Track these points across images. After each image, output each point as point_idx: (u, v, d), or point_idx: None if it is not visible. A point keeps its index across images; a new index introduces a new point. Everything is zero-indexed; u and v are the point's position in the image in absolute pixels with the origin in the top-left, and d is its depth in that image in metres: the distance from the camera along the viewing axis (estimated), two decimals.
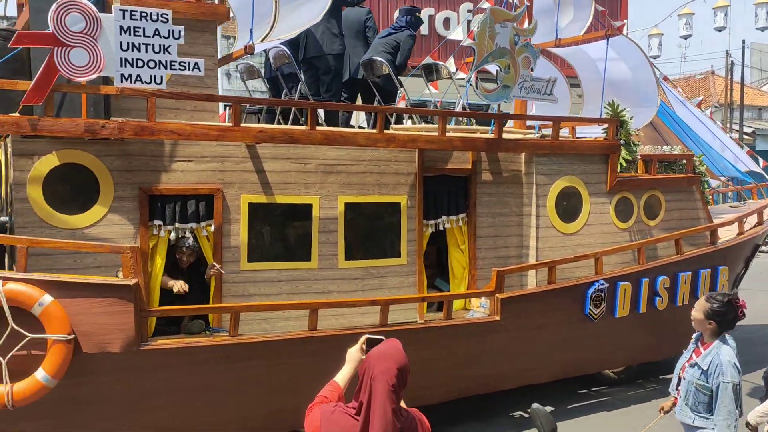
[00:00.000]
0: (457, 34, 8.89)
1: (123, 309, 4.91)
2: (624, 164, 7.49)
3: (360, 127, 8.18)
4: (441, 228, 6.85)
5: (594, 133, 8.52)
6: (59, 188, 5.21)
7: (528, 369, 6.96)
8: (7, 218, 5.78)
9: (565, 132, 8.05)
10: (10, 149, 5.12)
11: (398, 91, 7.34)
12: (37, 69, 4.90)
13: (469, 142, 6.64)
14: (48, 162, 5.16)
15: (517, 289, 6.92)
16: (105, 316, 4.88)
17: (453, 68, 8.62)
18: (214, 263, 5.59)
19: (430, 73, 7.66)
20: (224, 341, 5.31)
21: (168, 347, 5.11)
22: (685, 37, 21.19)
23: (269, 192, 5.94)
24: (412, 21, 7.66)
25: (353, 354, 2.88)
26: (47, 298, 4.74)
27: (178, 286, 5.25)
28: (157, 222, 5.53)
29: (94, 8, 4.92)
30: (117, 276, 5.22)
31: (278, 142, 5.76)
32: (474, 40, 6.63)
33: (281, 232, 6.05)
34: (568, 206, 7.28)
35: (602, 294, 7.05)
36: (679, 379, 4.42)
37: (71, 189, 5.26)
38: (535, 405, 3.40)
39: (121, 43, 5.02)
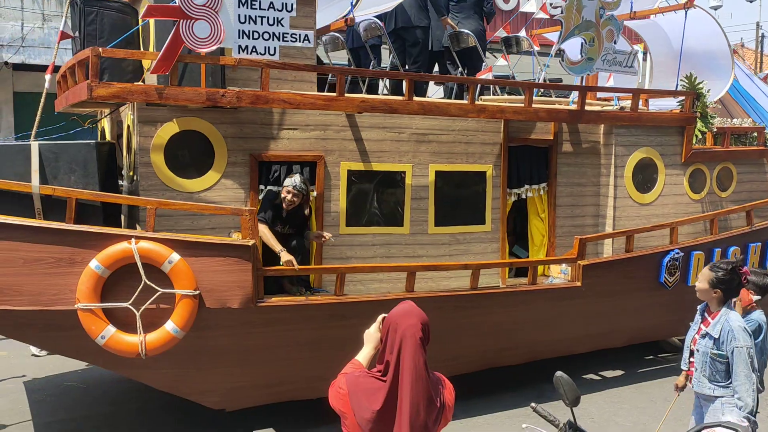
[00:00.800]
0: (530, 6, 9.02)
1: (242, 268, 5.25)
2: (699, 136, 7.62)
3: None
4: (523, 197, 7.07)
5: (666, 105, 8.62)
6: (178, 154, 5.52)
7: (603, 334, 7.22)
8: None
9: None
10: (135, 117, 5.43)
11: (482, 63, 7.51)
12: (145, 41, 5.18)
13: (554, 113, 6.82)
14: (169, 129, 5.47)
15: (593, 257, 7.14)
16: (225, 274, 5.22)
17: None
18: (324, 234, 5.83)
19: (510, 45, 7.80)
20: (331, 300, 5.63)
21: (281, 304, 5.44)
22: (716, 8, 20.83)
23: (366, 160, 6.20)
24: None
25: (373, 334, 2.82)
26: (175, 256, 5.09)
27: (287, 258, 5.54)
28: (265, 187, 5.84)
29: None
30: (230, 236, 5.55)
31: (379, 111, 6.00)
32: (549, 13, 6.77)
33: (376, 198, 6.33)
34: (644, 177, 7.45)
35: (677, 263, 7.24)
36: (691, 352, 4.43)
37: (189, 155, 5.57)
38: (558, 373, 3.37)
39: (239, 15, 5.28)
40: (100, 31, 6.03)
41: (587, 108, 7.00)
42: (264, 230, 5.50)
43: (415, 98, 6.15)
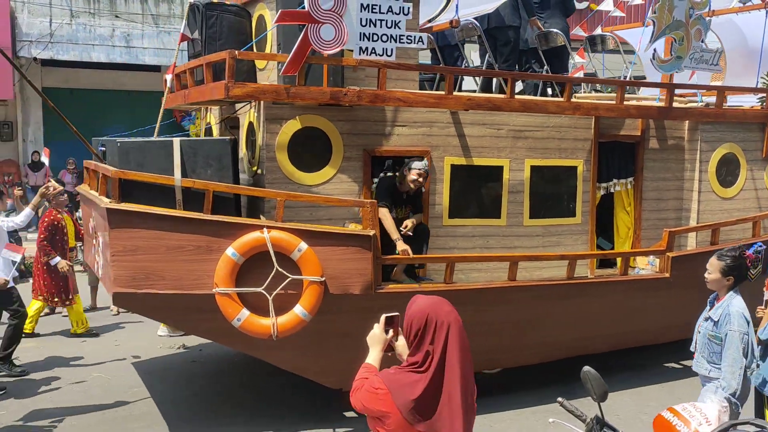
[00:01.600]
0: (606, 4, 9.25)
1: (363, 256, 5.61)
2: None
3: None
4: (611, 191, 7.33)
5: (742, 101, 8.79)
6: (300, 149, 5.89)
7: (689, 324, 7.42)
8: None
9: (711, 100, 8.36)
10: (262, 114, 5.81)
11: (570, 62, 7.78)
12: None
13: (643, 110, 7.06)
14: (292, 126, 5.83)
15: (677, 249, 7.37)
16: (348, 262, 5.59)
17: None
18: (408, 223, 6.16)
19: (594, 44, 8.05)
20: (442, 287, 5.96)
21: (398, 291, 5.79)
22: None
23: (468, 155, 6.51)
24: None
25: (378, 336, 2.83)
26: (304, 245, 5.47)
27: (403, 247, 5.88)
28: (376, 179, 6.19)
29: None
30: (345, 226, 5.90)
31: (483, 109, 6.31)
32: (624, 11, 6.99)
33: (476, 191, 6.64)
34: (727, 172, 7.66)
35: (760, 255, 7.42)
36: None
37: (309, 150, 5.93)
38: (586, 368, 3.31)
39: (360, 19, 5.62)
40: (219, 33, 6.42)
41: (674, 105, 7.23)
42: (387, 216, 5.83)
43: (517, 96, 6.44)
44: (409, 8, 5.74)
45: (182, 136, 6.74)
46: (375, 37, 5.69)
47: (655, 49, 6.92)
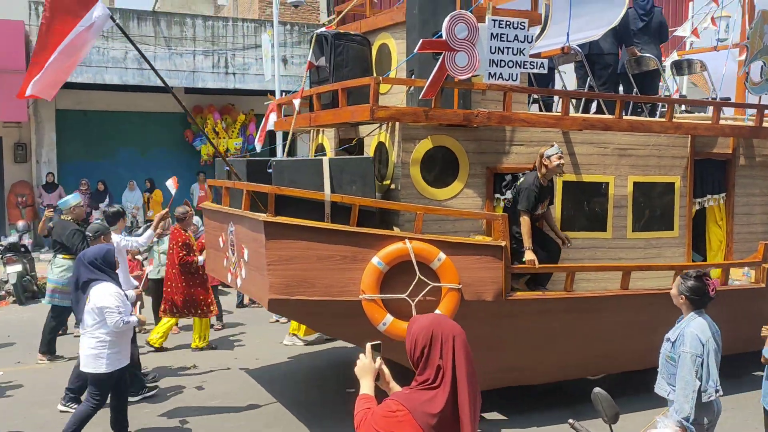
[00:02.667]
0: (682, 30, 9.74)
1: (495, 266, 6.04)
2: None
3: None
4: (704, 206, 7.72)
5: None
6: (431, 166, 6.35)
7: None
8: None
9: None
10: (398, 135, 6.28)
11: (661, 85, 8.25)
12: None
13: (737, 129, 7.48)
14: (424, 145, 6.30)
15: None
16: (482, 271, 6.02)
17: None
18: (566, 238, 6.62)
19: (681, 69, 8.51)
20: (565, 295, 6.37)
21: (526, 298, 6.21)
22: None
23: (578, 172, 6.94)
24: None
25: (367, 365, 2.88)
26: (442, 255, 5.90)
27: (531, 257, 6.30)
28: (498, 196, 6.64)
29: (474, 19, 6.01)
30: (471, 237, 6.33)
31: (596, 129, 6.76)
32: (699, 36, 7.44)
33: (585, 206, 7.06)
34: None
35: None
36: None
37: (439, 167, 6.39)
38: (596, 389, 3.30)
39: (491, 47, 6.11)
40: (345, 60, 6.95)
41: (765, 125, 7.64)
42: (526, 223, 6.26)
43: (625, 117, 6.89)
44: (532, 37, 6.23)
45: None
46: (502, 63, 6.17)
47: (748, 73, 7.36)
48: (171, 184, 8.68)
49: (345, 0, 7.68)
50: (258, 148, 8.83)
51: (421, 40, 5.92)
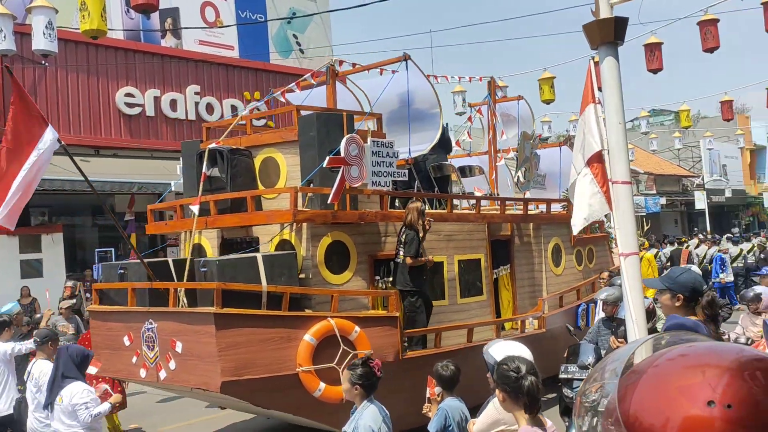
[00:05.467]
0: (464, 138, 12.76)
1: (393, 332, 7.63)
2: None
3: None
4: (498, 275, 10.30)
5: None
6: (330, 257, 7.76)
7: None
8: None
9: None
10: (307, 233, 7.58)
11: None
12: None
13: (512, 217, 10.29)
14: (326, 240, 7.71)
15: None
16: (384, 338, 7.55)
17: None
18: None
19: (465, 173, 11.24)
20: (438, 351, 8.16)
21: (417, 356, 7.86)
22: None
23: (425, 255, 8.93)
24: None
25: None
26: (357, 329, 7.32)
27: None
28: (378, 277, 8.29)
29: (361, 140, 7.75)
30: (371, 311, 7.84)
31: (437, 221, 8.88)
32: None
33: (433, 281, 9.05)
34: (557, 256, 11.20)
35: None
36: None
37: (336, 257, 7.82)
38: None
39: (372, 161, 7.89)
40: (239, 172, 8.10)
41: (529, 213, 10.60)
42: (420, 259, 8.01)
43: (456, 211, 9.16)
44: (397, 153, 8.18)
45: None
46: (380, 174, 7.99)
47: (518, 176, 10.26)
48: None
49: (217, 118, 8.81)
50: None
51: (328, 157, 7.46)
